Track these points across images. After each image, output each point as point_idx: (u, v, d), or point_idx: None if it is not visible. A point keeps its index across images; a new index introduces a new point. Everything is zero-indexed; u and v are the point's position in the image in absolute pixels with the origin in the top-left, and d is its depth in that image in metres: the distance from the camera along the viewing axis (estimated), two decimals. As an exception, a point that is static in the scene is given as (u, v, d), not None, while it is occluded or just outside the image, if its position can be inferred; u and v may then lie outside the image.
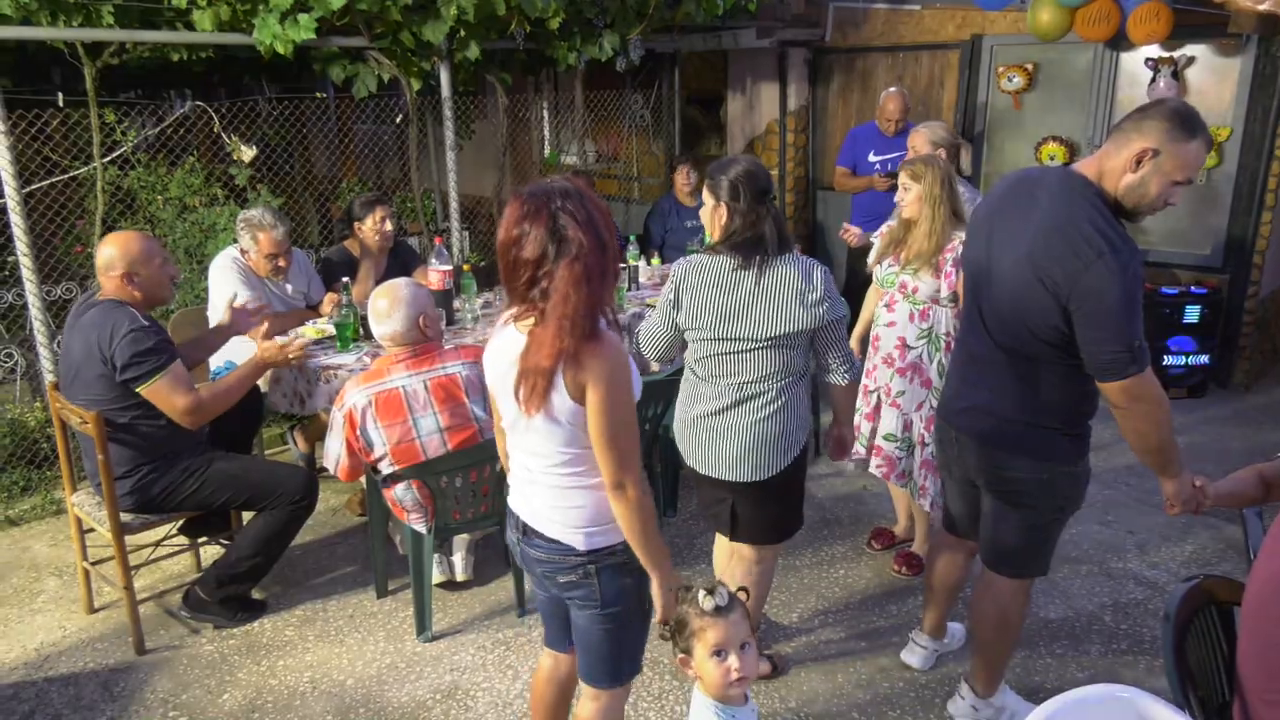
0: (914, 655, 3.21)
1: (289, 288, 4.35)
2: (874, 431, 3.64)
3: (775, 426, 2.68)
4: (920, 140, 3.92)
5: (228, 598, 3.46)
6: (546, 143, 7.86)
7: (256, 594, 3.61)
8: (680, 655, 2.03)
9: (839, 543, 4.04)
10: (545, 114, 7.78)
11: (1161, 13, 4.89)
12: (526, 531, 2.16)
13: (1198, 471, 2.49)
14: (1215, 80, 5.43)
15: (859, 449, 3.67)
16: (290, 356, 3.53)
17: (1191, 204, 5.60)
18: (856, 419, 3.64)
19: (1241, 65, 5.31)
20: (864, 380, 3.66)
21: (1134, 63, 5.63)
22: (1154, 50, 5.45)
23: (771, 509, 2.82)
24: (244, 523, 3.57)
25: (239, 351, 3.90)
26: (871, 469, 3.67)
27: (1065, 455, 2.50)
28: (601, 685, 2.26)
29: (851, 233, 4.43)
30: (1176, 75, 5.43)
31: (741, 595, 2.05)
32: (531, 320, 1.95)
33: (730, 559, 2.97)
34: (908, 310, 3.47)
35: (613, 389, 1.91)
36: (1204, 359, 5.61)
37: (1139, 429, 2.34)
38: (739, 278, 2.62)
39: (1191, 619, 2.17)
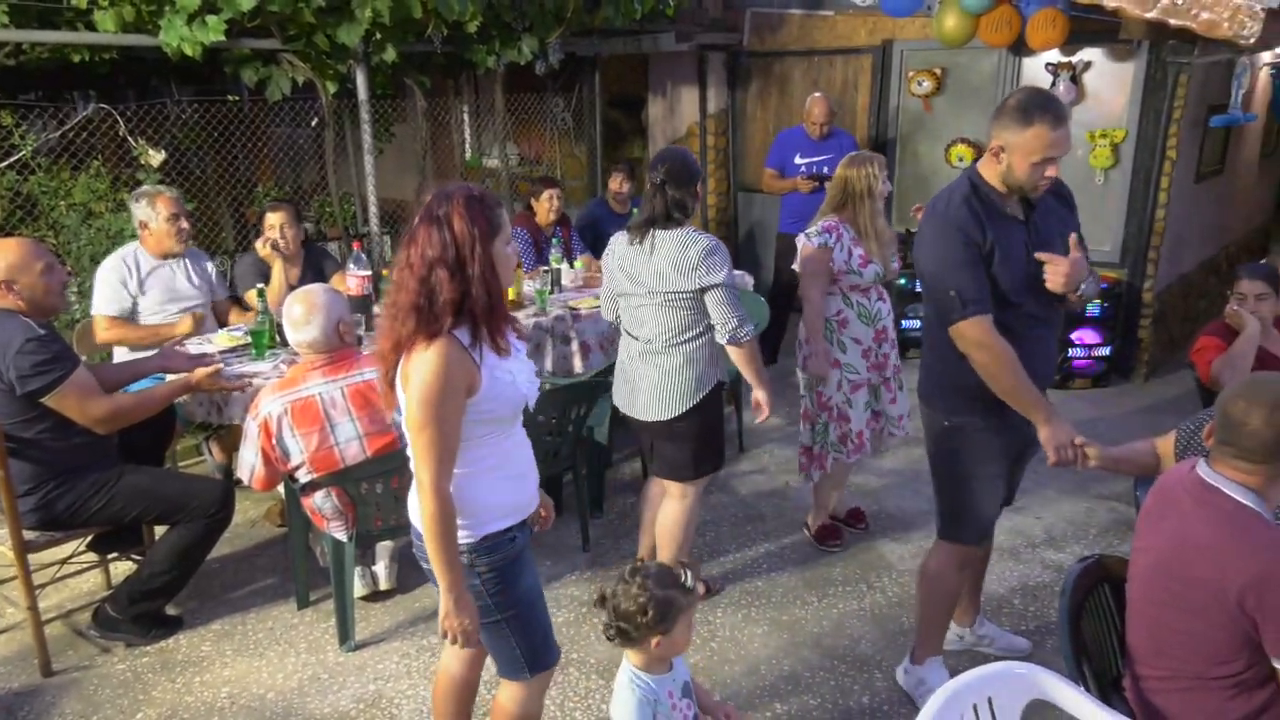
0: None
1: (191, 271, 4.26)
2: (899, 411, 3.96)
3: (677, 375, 3.15)
4: None
5: (141, 614, 3.36)
6: (468, 145, 7.81)
7: (171, 610, 3.52)
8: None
9: (763, 539, 4.12)
10: (466, 117, 7.73)
11: (1058, 20, 5.11)
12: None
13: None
14: (1110, 84, 5.68)
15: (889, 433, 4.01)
16: (223, 387, 3.51)
17: (1090, 202, 5.83)
18: (868, 414, 3.87)
19: (1135, 70, 5.57)
20: (867, 376, 3.81)
21: (1035, 67, 5.86)
22: (1053, 55, 5.68)
23: (682, 448, 3.25)
24: (157, 537, 3.48)
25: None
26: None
27: (948, 408, 2.75)
28: (507, 677, 2.33)
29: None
30: (1075, 79, 5.67)
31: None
32: None
33: (659, 499, 3.42)
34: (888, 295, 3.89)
35: (423, 387, 1.97)
36: (1106, 351, 5.87)
37: (985, 372, 2.58)
38: (640, 247, 3.13)
39: (1086, 596, 2.29)
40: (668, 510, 3.37)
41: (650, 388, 3.19)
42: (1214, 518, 1.96)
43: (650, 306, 3.14)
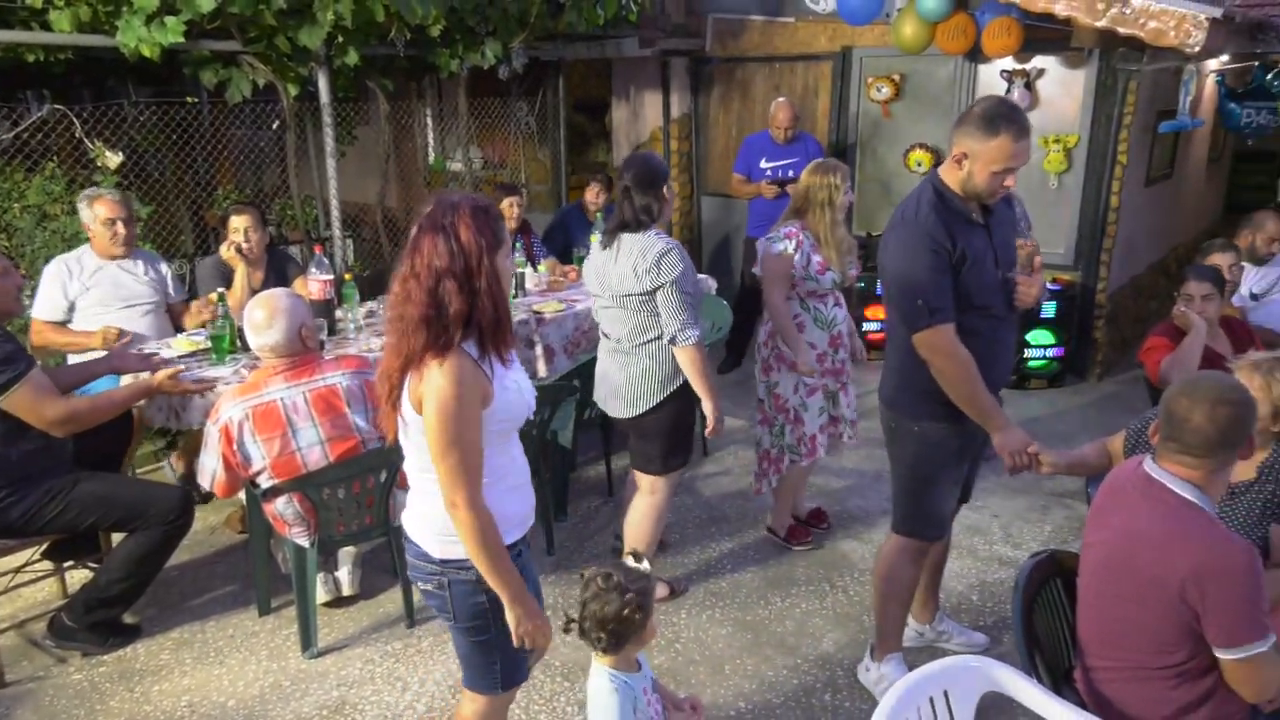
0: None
1: (141, 269, 4.23)
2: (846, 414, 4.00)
3: (643, 373, 3.28)
4: None
5: (97, 623, 3.32)
6: (431, 149, 7.78)
7: (129, 618, 3.47)
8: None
9: (726, 539, 4.15)
10: (429, 120, 7.70)
11: (1012, 28, 5.21)
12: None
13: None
14: (1063, 91, 5.80)
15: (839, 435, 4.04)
16: (185, 389, 3.46)
17: (1045, 206, 5.95)
18: (824, 419, 3.89)
19: (1086, 77, 5.69)
20: (822, 381, 3.83)
21: (991, 74, 5.97)
22: (1008, 63, 5.79)
23: (649, 443, 3.39)
24: (114, 544, 3.43)
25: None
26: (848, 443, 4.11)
27: (916, 413, 2.78)
28: (476, 690, 2.27)
29: None
30: (1029, 86, 5.78)
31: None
32: None
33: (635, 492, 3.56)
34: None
35: (444, 405, 1.91)
36: (1061, 351, 5.99)
37: (945, 380, 2.62)
38: (609, 252, 3.26)
39: (1039, 591, 2.34)
40: (637, 504, 3.48)
41: (619, 385, 3.33)
42: (1158, 512, 2.02)
43: (616, 308, 3.26)
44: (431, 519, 2.09)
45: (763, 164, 5.95)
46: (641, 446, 3.41)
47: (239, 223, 4.35)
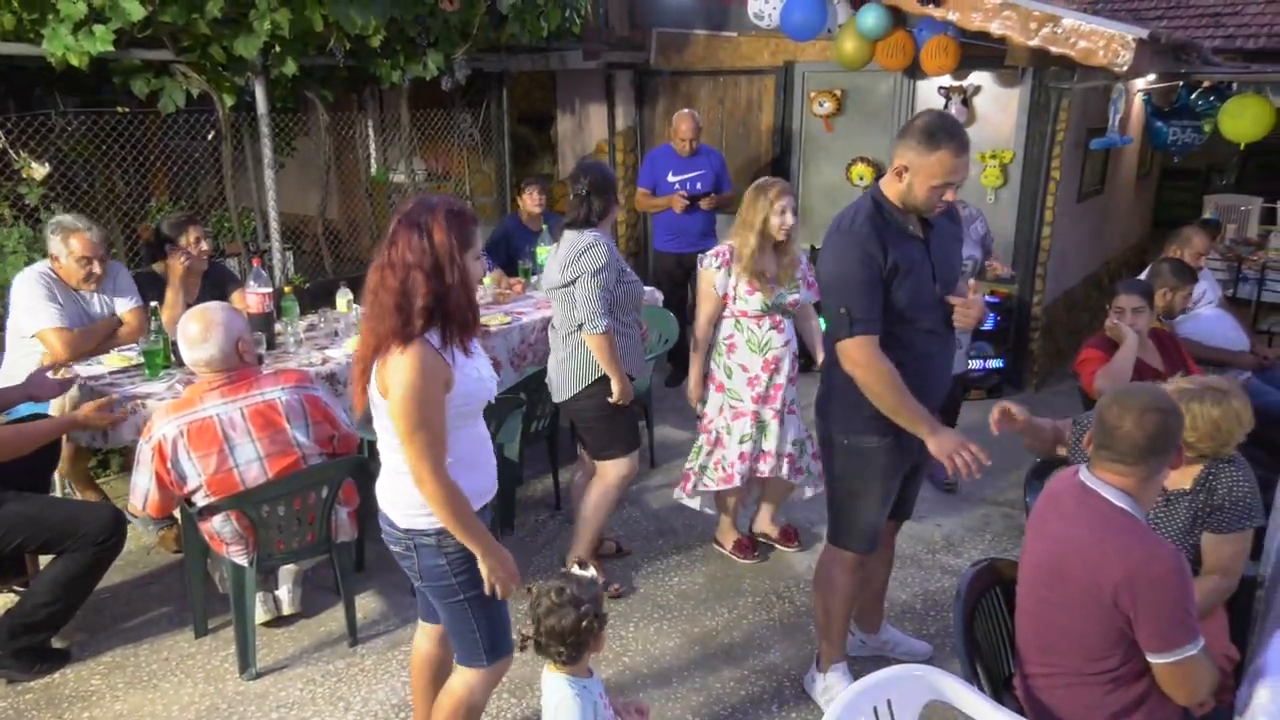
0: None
1: (96, 300, 4.06)
2: (780, 447, 3.83)
3: (570, 361, 3.52)
4: None
5: (23, 649, 3.19)
6: (373, 160, 7.69)
7: (57, 643, 3.35)
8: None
9: (674, 552, 4.15)
10: (371, 131, 7.61)
11: (949, 46, 5.34)
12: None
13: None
14: (998, 108, 5.96)
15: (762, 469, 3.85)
16: (113, 420, 3.36)
17: (983, 221, 6.09)
18: (747, 447, 3.77)
19: (1020, 94, 5.85)
20: (752, 408, 3.75)
21: (929, 90, 6.10)
22: (945, 80, 5.92)
23: (586, 427, 3.65)
24: (42, 566, 3.30)
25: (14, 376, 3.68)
26: (799, 483, 3.96)
27: (845, 426, 2.81)
28: (461, 663, 2.43)
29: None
30: (966, 102, 5.93)
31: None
32: None
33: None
34: (791, 326, 3.80)
35: (407, 391, 2.09)
36: (999, 362, 6.12)
37: (869, 391, 2.64)
38: (554, 247, 3.55)
39: (980, 600, 2.38)
40: (591, 488, 3.70)
41: (555, 371, 3.61)
42: (1091, 520, 2.07)
43: (553, 300, 3.55)
44: (399, 493, 2.27)
45: (670, 177, 5.93)
46: (581, 432, 3.71)
47: (195, 233, 4.23)
